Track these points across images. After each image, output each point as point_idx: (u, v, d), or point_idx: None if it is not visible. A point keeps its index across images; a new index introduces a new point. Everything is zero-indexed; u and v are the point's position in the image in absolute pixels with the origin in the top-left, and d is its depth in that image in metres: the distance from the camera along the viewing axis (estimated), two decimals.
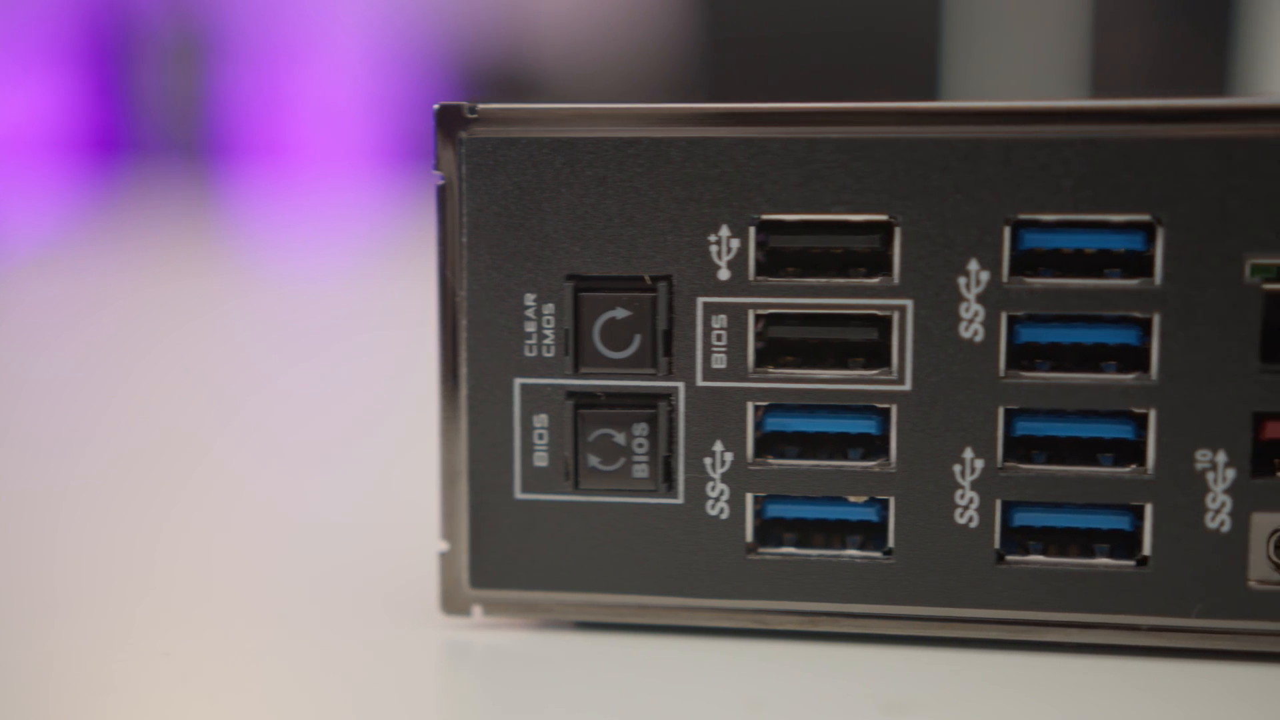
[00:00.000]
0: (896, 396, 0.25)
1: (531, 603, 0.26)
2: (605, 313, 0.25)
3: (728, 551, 0.25)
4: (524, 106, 0.25)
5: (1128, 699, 0.23)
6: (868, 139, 0.24)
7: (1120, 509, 0.25)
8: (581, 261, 0.25)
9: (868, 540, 0.25)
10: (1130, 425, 0.24)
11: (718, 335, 0.25)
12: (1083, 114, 0.24)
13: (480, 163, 0.25)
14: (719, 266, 0.25)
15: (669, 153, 0.25)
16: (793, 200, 0.25)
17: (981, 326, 0.24)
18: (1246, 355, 0.24)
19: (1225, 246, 0.24)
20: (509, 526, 0.26)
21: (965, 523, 0.25)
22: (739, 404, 0.25)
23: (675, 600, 0.25)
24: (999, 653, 0.25)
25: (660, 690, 0.24)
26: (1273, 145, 0.23)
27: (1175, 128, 0.24)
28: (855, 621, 0.25)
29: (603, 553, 0.26)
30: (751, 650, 0.25)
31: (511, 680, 0.24)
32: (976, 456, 0.25)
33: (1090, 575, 0.25)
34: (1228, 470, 0.24)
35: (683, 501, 0.25)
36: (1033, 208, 0.24)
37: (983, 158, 0.24)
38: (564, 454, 0.25)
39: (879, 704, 0.23)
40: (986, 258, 0.24)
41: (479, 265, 0.25)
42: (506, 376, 0.25)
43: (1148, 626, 0.24)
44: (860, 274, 0.25)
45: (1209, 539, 0.24)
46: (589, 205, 0.25)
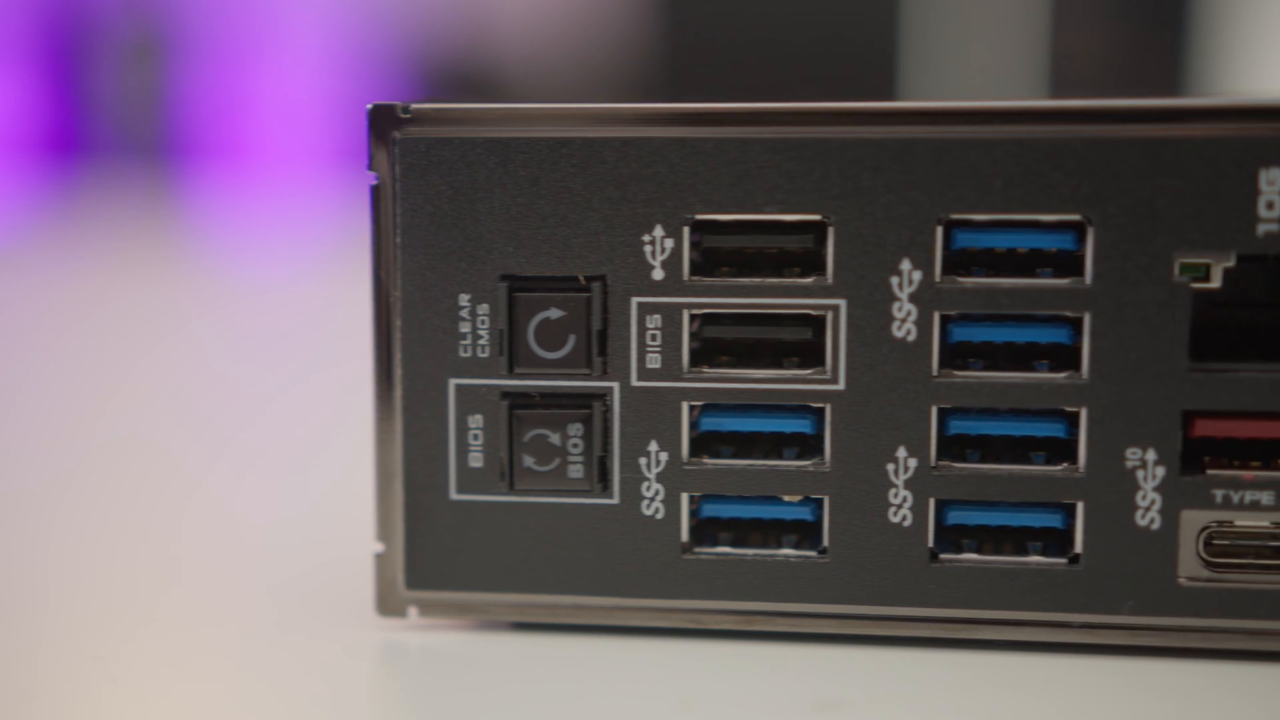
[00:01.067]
0: (830, 396, 0.25)
1: (467, 604, 0.26)
2: (540, 313, 0.25)
3: (663, 551, 0.25)
4: (457, 106, 0.25)
5: (1058, 696, 0.23)
6: (800, 139, 0.24)
7: (1052, 507, 0.25)
8: (516, 262, 0.25)
9: (803, 539, 0.25)
10: (1062, 424, 0.25)
11: (652, 335, 0.25)
12: (1013, 114, 0.24)
13: (414, 163, 0.25)
14: (653, 266, 0.25)
15: (602, 153, 0.25)
16: (726, 200, 0.25)
17: (914, 326, 0.24)
18: (1175, 354, 0.24)
19: (1154, 246, 0.24)
20: (444, 527, 0.26)
21: (899, 521, 0.25)
22: (674, 404, 0.25)
23: (611, 600, 0.25)
24: (932, 650, 0.25)
25: (594, 691, 0.24)
26: (1200, 145, 0.23)
27: (1104, 128, 0.24)
28: (790, 620, 0.25)
29: (538, 553, 0.26)
30: (687, 650, 0.25)
31: (446, 682, 0.24)
32: (910, 455, 0.25)
33: (1023, 573, 0.25)
34: (1157, 468, 0.24)
35: (618, 501, 0.25)
36: (964, 207, 0.24)
37: (914, 158, 0.24)
38: (499, 454, 0.25)
39: (812, 703, 0.23)
40: (919, 257, 0.24)
41: (413, 266, 0.25)
42: (441, 377, 0.25)
43: (1079, 624, 0.25)
44: (794, 274, 0.25)
45: (1139, 536, 0.24)
46: (523, 205, 0.25)
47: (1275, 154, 0.23)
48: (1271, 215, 0.23)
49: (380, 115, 0.25)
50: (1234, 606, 0.24)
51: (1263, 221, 0.23)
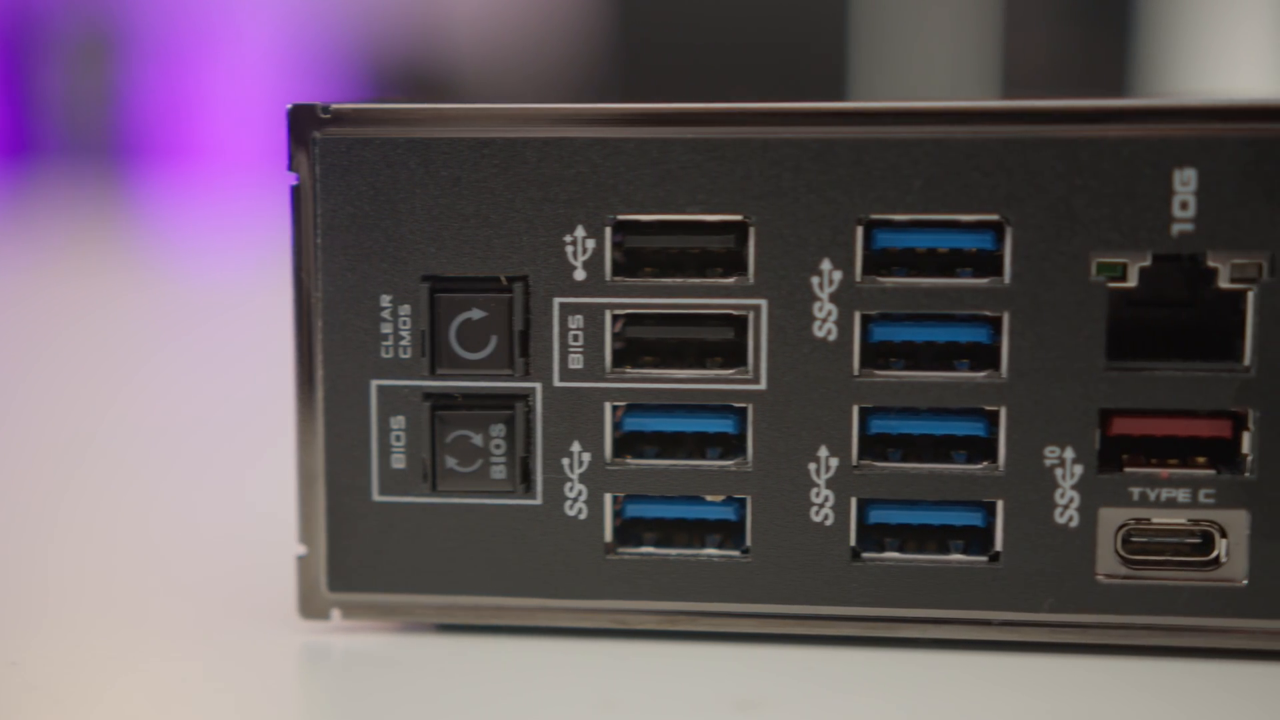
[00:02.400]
0: (752, 396, 0.25)
1: (391, 605, 0.26)
2: (461, 314, 0.25)
3: (586, 552, 0.25)
4: (378, 106, 0.25)
5: (978, 694, 0.24)
6: (721, 139, 0.24)
7: (973, 505, 0.25)
8: (437, 262, 0.25)
9: (726, 539, 0.25)
10: (982, 422, 0.25)
11: (574, 336, 0.25)
12: (931, 114, 0.24)
13: (334, 163, 0.25)
14: (575, 267, 0.25)
15: (524, 153, 0.25)
16: (648, 200, 0.25)
17: (835, 325, 0.25)
18: (1093, 352, 0.24)
19: (1071, 245, 0.24)
20: (367, 529, 0.25)
21: (821, 520, 0.25)
22: (596, 404, 0.25)
23: (534, 601, 0.25)
24: (854, 649, 0.25)
25: (516, 692, 0.24)
26: (1116, 146, 0.24)
27: (1022, 128, 0.24)
28: (713, 620, 0.25)
29: (461, 554, 0.25)
30: (610, 650, 0.25)
31: (369, 684, 0.24)
32: (831, 455, 0.25)
33: (944, 571, 0.25)
34: (1075, 466, 0.24)
35: (541, 502, 0.25)
36: (884, 208, 0.24)
37: (834, 158, 0.24)
38: (421, 456, 0.25)
39: (732, 702, 0.23)
40: (839, 257, 0.24)
41: (334, 267, 0.25)
42: (363, 378, 0.25)
43: (1000, 621, 0.25)
44: (716, 274, 0.25)
45: (1058, 534, 0.24)
46: (444, 206, 0.25)
47: (1189, 154, 0.23)
48: (1185, 215, 0.24)
49: (300, 116, 0.25)
50: (1151, 603, 0.24)
51: (1177, 221, 0.24)
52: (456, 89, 1.40)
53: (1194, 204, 0.24)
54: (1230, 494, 0.24)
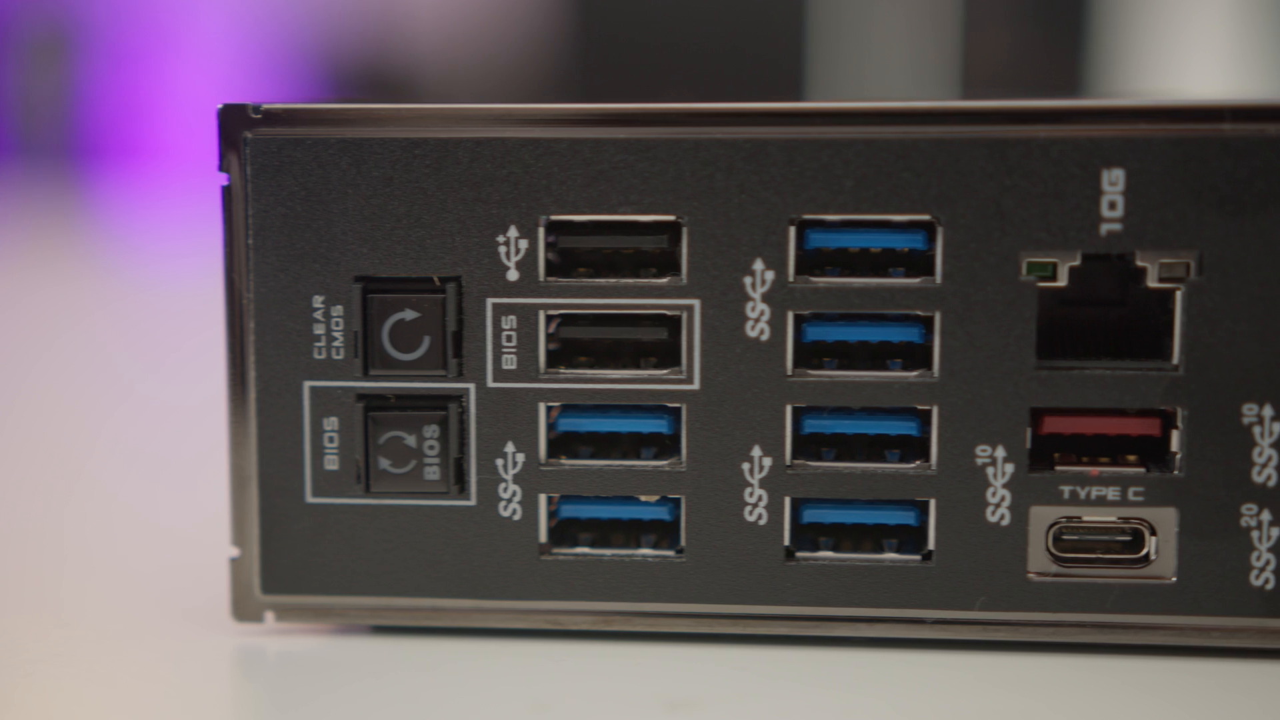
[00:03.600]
0: (686, 396, 0.25)
1: (324, 607, 0.26)
2: (394, 314, 0.25)
3: (520, 553, 0.25)
4: (309, 106, 0.25)
5: (910, 693, 0.24)
6: (653, 140, 0.24)
7: (906, 504, 0.25)
8: (370, 263, 0.25)
9: (661, 539, 0.25)
10: (915, 422, 0.25)
11: (508, 336, 0.25)
12: (862, 115, 0.24)
13: (265, 164, 0.25)
14: (508, 267, 0.25)
15: (456, 153, 0.25)
16: (580, 201, 0.25)
17: (768, 325, 0.25)
18: (1023, 352, 0.24)
19: (1001, 245, 0.24)
20: (300, 531, 0.25)
21: (755, 520, 0.25)
22: (530, 405, 0.25)
23: (469, 602, 0.25)
24: (788, 648, 0.25)
25: (449, 693, 0.24)
26: (1045, 146, 0.24)
27: (952, 129, 0.24)
28: (648, 620, 0.25)
29: (396, 556, 0.25)
30: (544, 651, 0.25)
31: (303, 686, 0.24)
32: (765, 454, 0.25)
33: (877, 570, 0.25)
34: (1007, 465, 0.24)
35: (475, 503, 0.25)
36: (816, 208, 0.24)
37: (766, 158, 0.24)
38: (355, 457, 0.25)
39: (664, 702, 0.23)
40: (771, 257, 0.24)
41: (266, 267, 0.25)
42: (295, 379, 0.25)
43: (933, 620, 0.25)
44: (650, 274, 0.25)
45: (990, 533, 0.25)
46: (376, 206, 0.25)
47: (1117, 155, 0.24)
48: (1114, 215, 0.24)
49: (230, 115, 0.25)
50: (1082, 601, 0.25)
51: (1105, 221, 0.24)
52: (416, 88, 1.39)
53: (1122, 204, 0.24)
54: (1159, 492, 0.24)
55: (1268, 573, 0.24)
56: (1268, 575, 0.24)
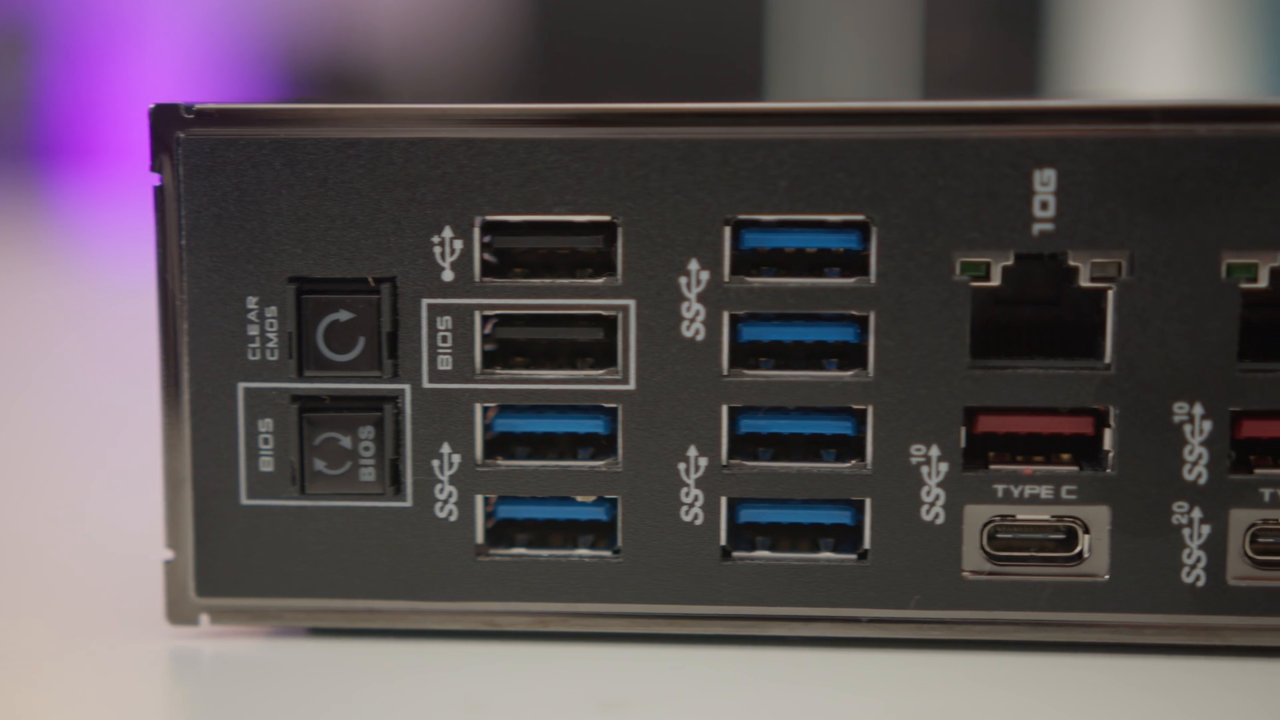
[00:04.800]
0: (622, 396, 0.25)
1: (260, 610, 0.25)
2: (329, 315, 0.25)
3: (457, 554, 0.25)
4: (242, 106, 0.25)
5: (845, 692, 0.24)
6: (588, 140, 0.24)
7: (842, 504, 0.25)
8: (304, 264, 0.25)
9: (599, 539, 0.25)
10: (850, 421, 0.25)
11: (443, 337, 0.25)
12: (796, 115, 0.24)
13: (198, 164, 0.25)
14: (443, 268, 0.25)
15: (390, 153, 0.24)
16: (515, 201, 0.25)
17: (703, 326, 0.25)
18: (957, 351, 0.24)
19: (935, 245, 0.24)
20: (235, 533, 0.25)
21: (691, 520, 0.25)
22: (466, 405, 0.25)
23: (406, 604, 0.25)
24: (724, 648, 0.25)
25: (383, 696, 0.24)
26: (977, 146, 0.24)
27: (885, 129, 0.24)
28: (584, 620, 0.25)
29: (331, 557, 0.25)
30: (480, 652, 0.25)
31: (238, 689, 0.24)
32: (701, 454, 0.25)
33: (813, 569, 0.25)
34: (941, 464, 0.25)
35: (411, 504, 0.25)
36: (750, 208, 0.24)
37: (701, 159, 0.24)
38: (290, 458, 0.25)
39: (598, 702, 0.23)
40: (706, 257, 0.24)
41: (199, 268, 0.25)
42: (230, 381, 0.25)
43: (868, 619, 0.25)
44: (586, 274, 0.25)
45: (925, 531, 0.25)
46: (310, 207, 0.25)
47: (1048, 155, 0.24)
48: (1046, 215, 0.24)
49: (162, 115, 0.25)
50: (1016, 599, 0.25)
51: (1038, 221, 0.24)
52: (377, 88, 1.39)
53: (1054, 204, 0.24)
54: (1092, 490, 0.24)
55: (1198, 570, 0.24)
56: (1198, 572, 0.24)
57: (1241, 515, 0.24)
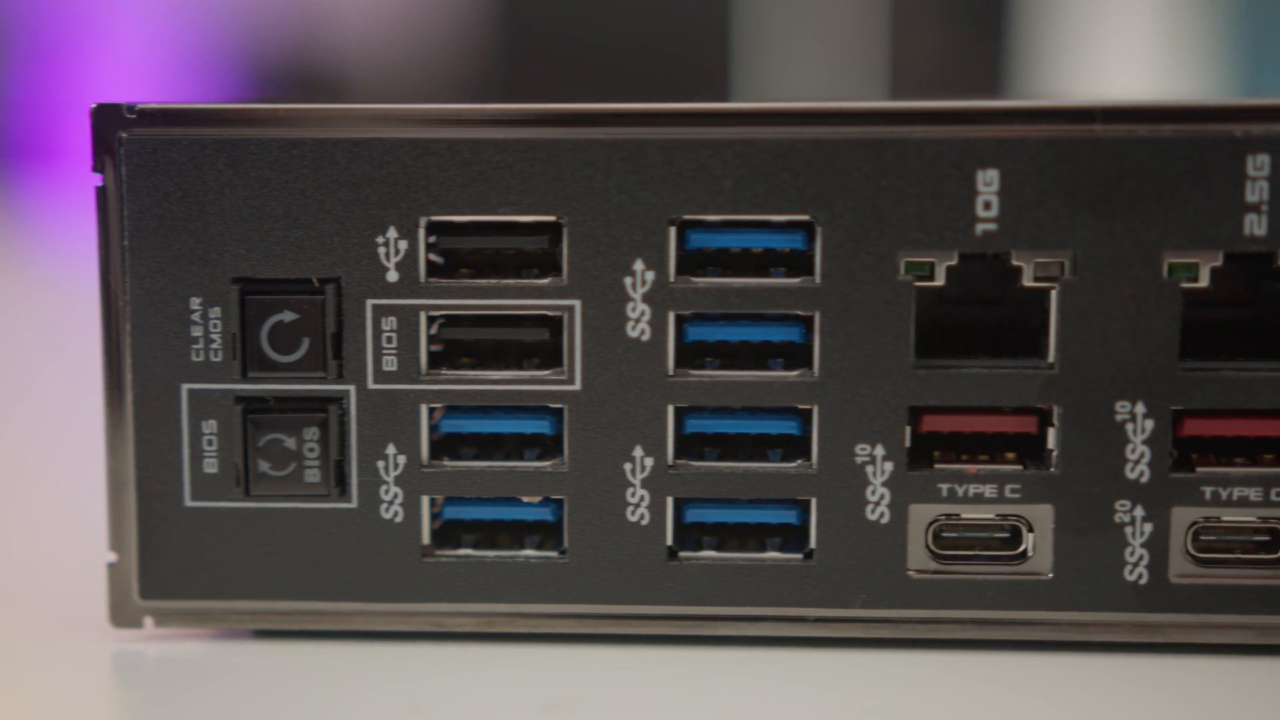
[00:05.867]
0: (567, 396, 0.25)
1: (204, 612, 0.25)
2: (273, 316, 0.25)
3: (402, 555, 0.25)
4: (185, 106, 0.25)
5: (791, 691, 0.24)
6: (533, 140, 0.24)
7: (788, 504, 0.25)
8: (248, 264, 0.25)
9: (545, 540, 0.25)
10: (796, 421, 0.25)
11: (388, 338, 0.25)
12: (740, 115, 0.24)
13: (141, 164, 0.25)
14: (387, 268, 0.25)
15: (334, 154, 0.24)
16: (460, 201, 0.25)
17: (648, 326, 0.25)
18: (902, 351, 0.24)
19: (879, 245, 0.24)
20: (179, 535, 0.25)
21: (637, 520, 0.25)
22: (412, 406, 0.25)
23: (351, 605, 0.25)
24: (670, 648, 0.25)
25: (326, 698, 0.23)
26: (920, 146, 0.24)
27: (828, 129, 0.24)
28: (530, 621, 0.25)
29: (277, 559, 0.25)
30: (426, 653, 0.25)
31: (183, 692, 0.24)
32: (647, 455, 0.25)
33: (759, 569, 0.25)
34: (886, 463, 0.25)
35: (356, 506, 0.25)
36: (695, 208, 0.24)
37: (645, 159, 0.24)
38: (234, 460, 0.25)
39: (543, 703, 0.23)
40: (652, 258, 0.24)
41: (142, 269, 0.25)
42: (173, 382, 0.25)
43: (814, 618, 0.25)
44: (532, 275, 0.25)
45: (870, 531, 0.25)
46: (254, 207, 0.25)
47: (991, 155, 0.24)
48: (989, 215, 0.24)
49: (104, 115, 0.24)
50: (960, 597, 0.25)
51: (981, 221, 0.24)
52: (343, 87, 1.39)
53: (997, 204, 0.24)
54: (1035, 489, 0.25)
55: (1141, 568, 0.24)
56: (1141, 570, 0.24)
57: (1183, 513, 0.24)
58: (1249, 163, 0.23)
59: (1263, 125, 0.23)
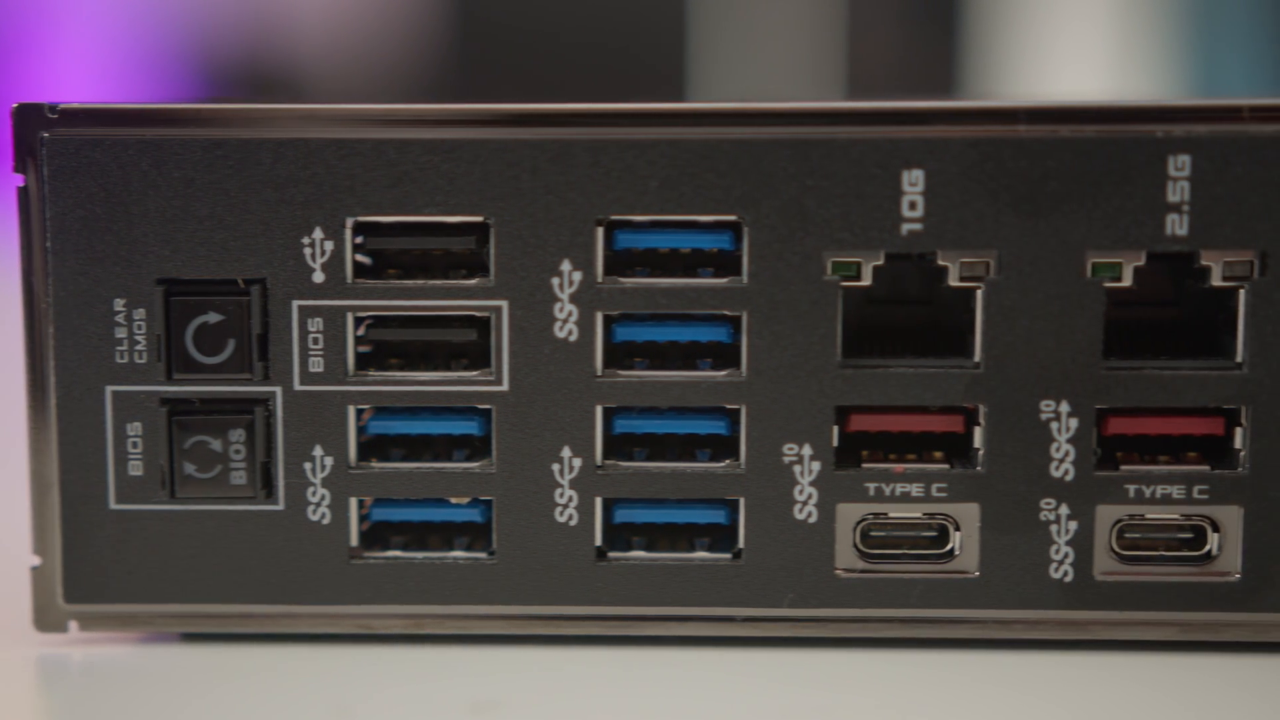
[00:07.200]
0: (495, 397, 0.25)
1: (130, 615, 0.25)
2: (197, 317, 0.25)
3: (330, 557, 0.25)
4: (108, 106, 0.24)
5: (718, 690, 0.24)
6: (458, 141, 0.24)
7: (716, 503, 0.25)
8: (172, 265, 0.25)
9: (475, 541, 0.25)
10: (724, 421, 0.25)
11: (314, 339, 0.25)
12: (666, 116, 0.24)
13: (63, 165, 0.24)
14: (313, 269, 0.25)
15: (258, 154, 0.24)
16: (385, 202, 0.24)
17: (576, 326, 0.25)
18: (828, 350, 0.24)
19: (805, 245, 0.24)
20: (104, 538, 0.25)
21: (565, 521, 0.25)
22: (339, 407, 0.25)
23: (279, 608, 0.25)
24: (599, 648, 0.25)
25: (252, 700, 0.23)
26: (846, 147, 0.24)
27: (754, 130, 0.24)
28: (459, 623, 0.25)
29: (203, 562, 0.25)
30: (354, 655, 0.25)
31: (108, 696, 0.24)
32: (575, 455, 0.25)
33: (688, 569, 0.25)
34: (813, 463, 0.25)
35: (283, 507, 0.25)
36: (622, 208, 0.24)
37: (572, 159, 0.24)
38: (159, 462, 0.25)
39: (469, 704, 0.23)
40: (579, 258, 0.24)
41: (65, 271, 0.25)
42: (97, 384, 0.25)
43: (743, 618, 0.25)
44: (461, 275, 0.25)
45: (798, 530, 0.25)
46: (178, 208, 0.24)
47: (916, 155, 0.24)
48: (914, 215, 0.24)
49: (26, 115, 0.24)
50: (888, 596, 0.25)
51: (906, 221, 0.24)
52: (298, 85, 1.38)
53: (922, 204, 0.24)
54: (962, 488, 0.25)
55: (1066, 565, 0.25)
56: (1066, 568, 0.25)
57: (1108, 511, 0.25)
58: (1170, 163, 0.24)
59: (1183, 126, 0.24)
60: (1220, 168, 0.24)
